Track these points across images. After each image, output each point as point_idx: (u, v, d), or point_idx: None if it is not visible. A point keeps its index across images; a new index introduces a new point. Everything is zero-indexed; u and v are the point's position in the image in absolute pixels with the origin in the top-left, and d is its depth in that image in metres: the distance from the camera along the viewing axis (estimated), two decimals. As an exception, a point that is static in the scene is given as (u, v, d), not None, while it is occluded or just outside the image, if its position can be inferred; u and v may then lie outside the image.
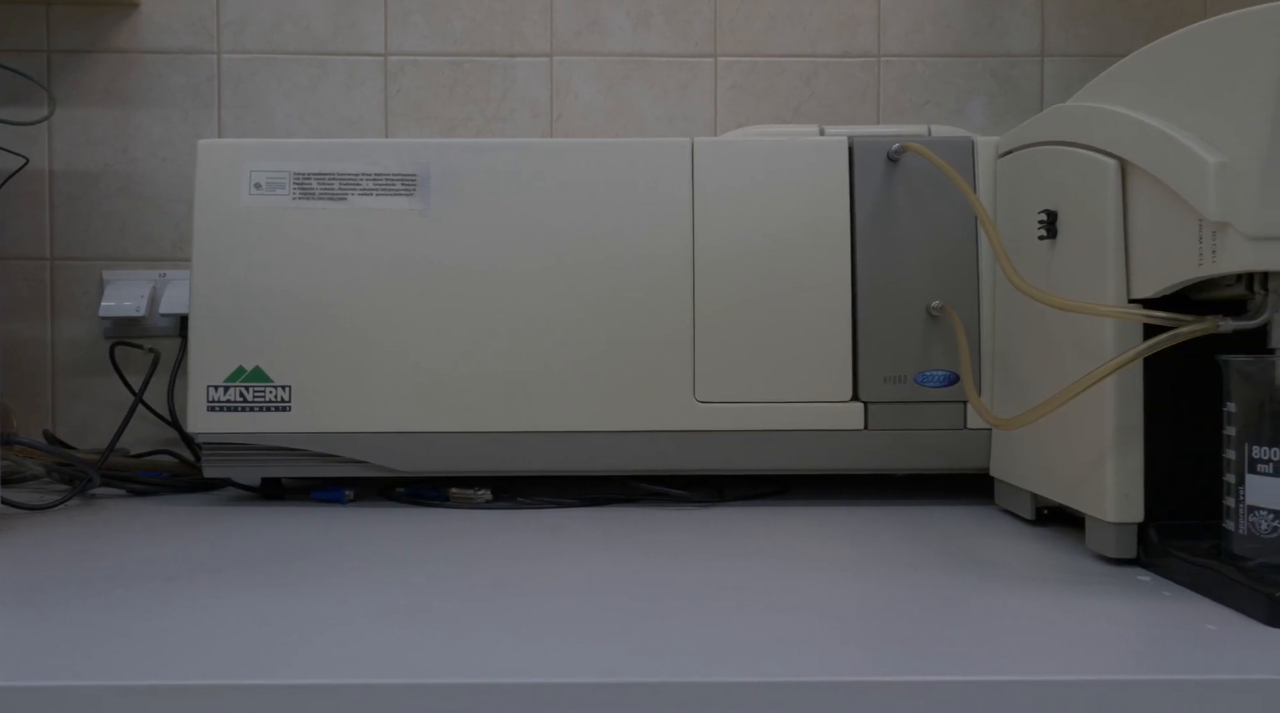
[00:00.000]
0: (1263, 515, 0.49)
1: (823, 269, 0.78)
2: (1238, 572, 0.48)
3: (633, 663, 0.41)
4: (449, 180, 0.78)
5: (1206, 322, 0.50)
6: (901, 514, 0.75)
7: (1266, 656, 0.41)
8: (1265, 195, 0.45)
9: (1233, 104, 0.47)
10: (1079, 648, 0.42)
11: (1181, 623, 0.46)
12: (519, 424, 0.78)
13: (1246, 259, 0.46)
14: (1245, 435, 0.50)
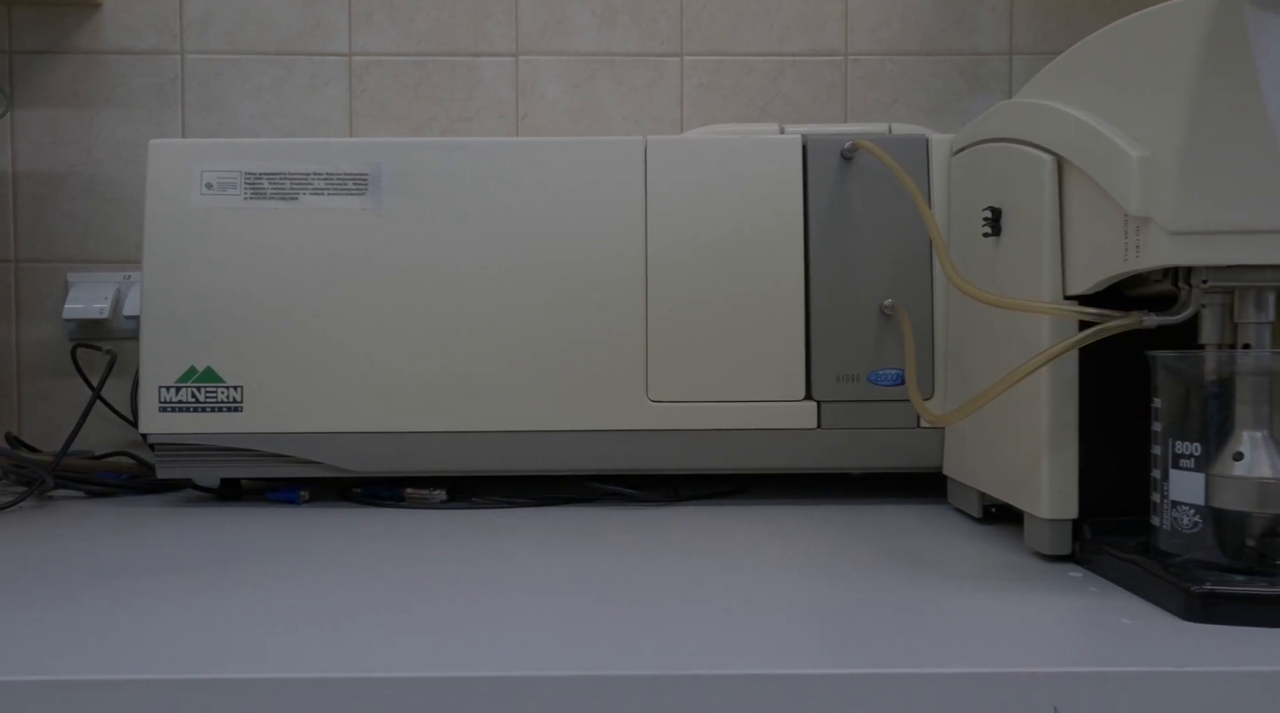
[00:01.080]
0: (1184, 511, 0.49)
1: (776, 268, 0.78)
2: (1160, 567, 0.48)
3: (581, 658, 0.41)
4: (401, 180, 0.78)
5: (1131, 317, 0.49)
6: (854, 513, 0.75)
7: (1173, 649, 0.41)
8: (1184, 191, 0.45)
9: (1154, 99, 0.47)
10: (992, 643, 0.42)
11: (1098, 618, 0.46)
12: (472, 424, 0.78)
13: (1167, 254, 0.46)
14: (1170, 431, 0.50)
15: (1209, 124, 0.44)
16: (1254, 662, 0.39)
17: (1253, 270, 0.47)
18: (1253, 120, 0.44)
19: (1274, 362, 0.48)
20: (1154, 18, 0.47)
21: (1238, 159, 0.44)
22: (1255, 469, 0.47)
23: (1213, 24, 0.43)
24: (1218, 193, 0.45)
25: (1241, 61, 0.43)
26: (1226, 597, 0.44)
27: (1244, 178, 0.44)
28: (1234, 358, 0.49)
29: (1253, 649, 0.41)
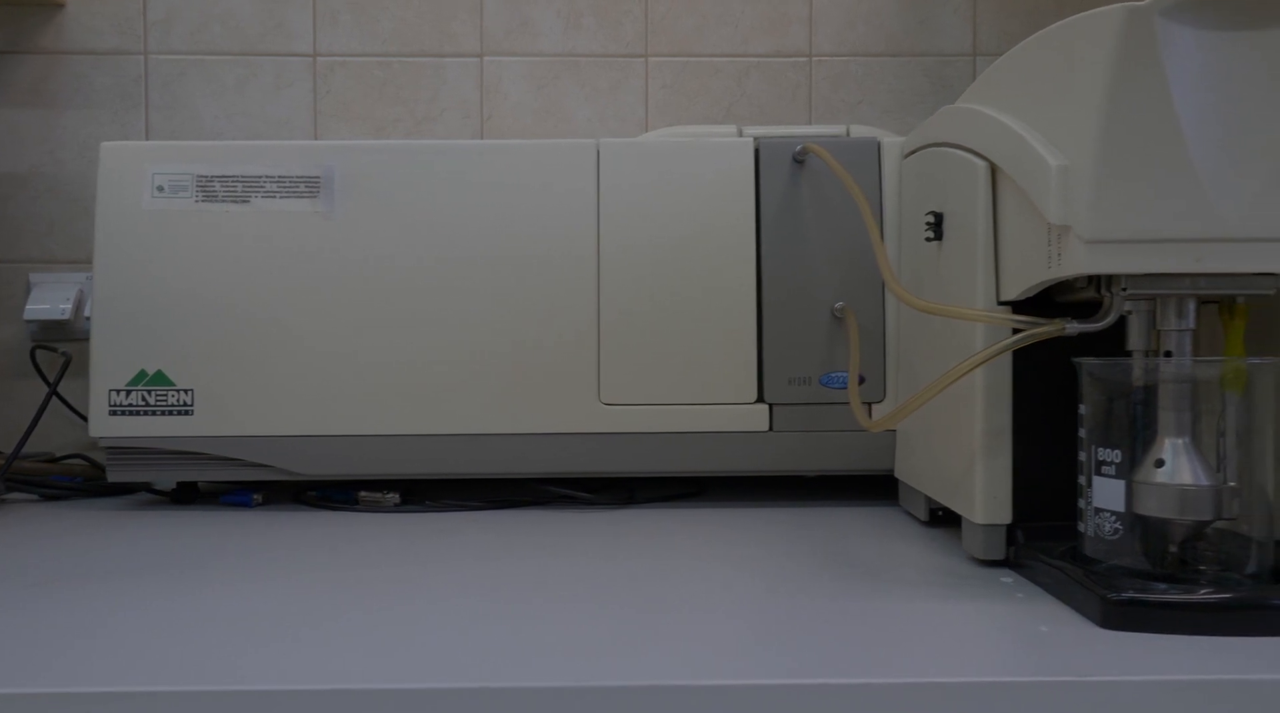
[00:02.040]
0: (1106, 517, 0.49)
1: (728, 271, 0.78)
2: (1082, 574, 0.48)
3: (521, 669, 0.41)
4: (353, 182, 0.78)
5: (1054, 325, 0.50)
6: (804, 516, 0.75)
7: (1084, 658, 0.41)
8: (1099, 199, 0.45)
9: (1072, 108, 0.47)
10: (903, 652, 0.42)
11: (1016, 626, 0.46)
12: (424, 427, 0.78)
13: (1083, 262, 0.46)
14: (1094, 437, 0.50)
15: (1122, 134, 0.44)
16: (1161, 670, 0.40)
17: (1170, 278, 0.47)
18: (1165, 130, 0.44)
19: (1195, 369, 0.48)
20: (1071, 27, 0.47)
21: (1151, 168, 0.44)
22: (1176, 476, 0.47)
23: (1123, 34, 0.43)
24: (1132, 202, 0.45)
25: (1152, 72, 0.43)
26: (1142, 604, 0.44)
27: (1157, 187, 0.44)
28: (1155, 365, 0.49)
29: (1165, 657, 0.41)
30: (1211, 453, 0.48)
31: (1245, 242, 0.45)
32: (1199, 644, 0.43)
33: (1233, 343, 0.49)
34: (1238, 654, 0.41)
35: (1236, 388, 0.48)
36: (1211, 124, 0.44)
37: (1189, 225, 0.45)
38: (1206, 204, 0.44)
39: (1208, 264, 0.45)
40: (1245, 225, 0.45)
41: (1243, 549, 0.48)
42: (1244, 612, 0.44)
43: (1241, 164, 0.44)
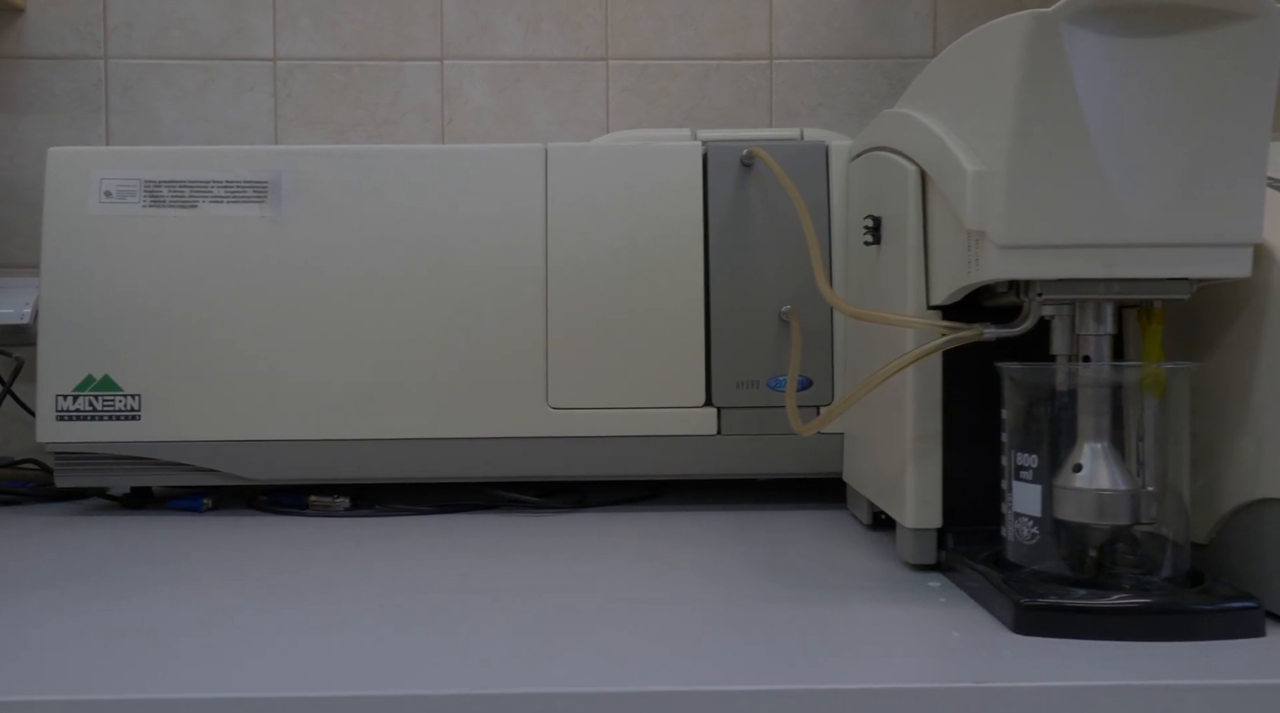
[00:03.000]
0: (1025, 522, 0.49)
1: (676, 275, 0.78)
2: (1001, 578, 0.48)
3: (457, 675, 0.41)
4: (300, 187, 0.78)
5: (973, 330, 0.50)
6: (752, 519, 0.75)
7: (989, 664, 0.41)
8: (1011, 205, 0.45)
9: (988, 114, 0.47)
10: (812, 657, 0.42)
11: (930, 631, 0.46)
12: (372, 431, 0.78)
13: (997, 268, 0.46)
14: (1014, 442, 0.50)
15: (1032, 140, 0.44)
16: (1062, 676, 0.40)
17: (1085, 283, 0.47)
18: (1074, 137, 0.44)
19: (1113, 374, 0.48)
20: (987, 33, 0.47)
21: (1062, 174, 0.44)
22: (1094, 481, 0.48)
23: (1030, 41, 0.43)
24: (1044, 207, 0.45)
25: (1060, 79, 0.43)
26: (1053, 609, 0.45)
27: (1068, 193, 0.45)
28: (1073, 370, 0.49)
29: (1070, 662, 0.41)
30: (1131, 457, 0.48)
31: (1155, 247, 0.45)
32: (1109, 649, 0.43)
33: (1150, 348, 0.50)
34: (1146, 659, 0.42)
35: (1155, 392, 0.48)
36: (1120, 130, 0.44)
37: (1100, 231, 0.45)
38: (1117, 209, 0.45)
39: (1119, 269, 0.45)
40: (1155, 231, 0.45)
41: (1162, 553, 0.48)
42: (1153, 617, 0.44)
43: (1151, 170, 0.44)
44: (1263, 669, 0.40)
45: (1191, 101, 0.44)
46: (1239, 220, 0.45)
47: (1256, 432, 0.46)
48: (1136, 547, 0.49)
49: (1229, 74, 0.43)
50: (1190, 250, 0.45)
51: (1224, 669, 0.40)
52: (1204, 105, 0.44)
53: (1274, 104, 0.44)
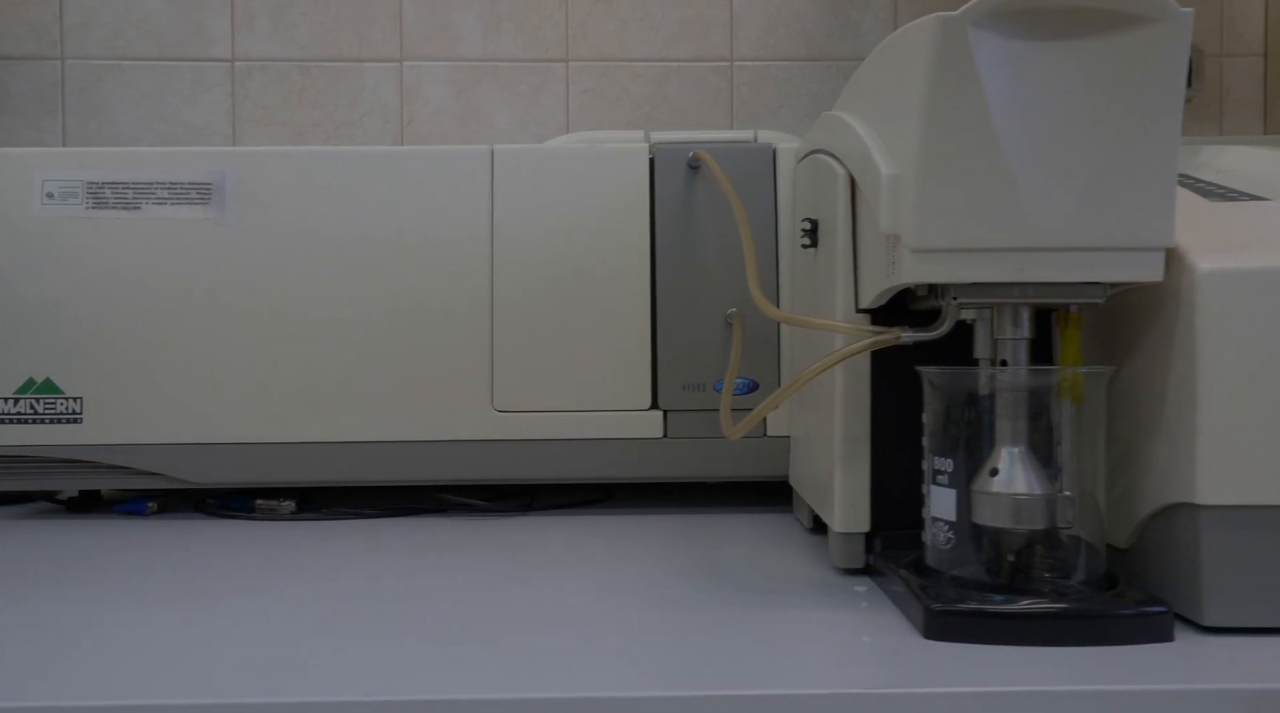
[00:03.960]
0: (940, 527, 0.49)
1: (622, 277, 0.78)
2: (918, 583, 0.48)
3: (372, 678, 0.40)
4: (244, 189, 0.78)
5: (890, 334, 0.50)
6: (697, 523, 0.75)
7: (889, 668, 0.41)
8: (922, 209, 0.45)
9: (904, 116, 0.47)
10: (716, 663, 0.42)
11: (842, 636, 0.46)
12: (316, 435, 0.77)
13: (910, 271, 0.46)
14: (932, 446, 0.50)
15: (942, 143, 0.44)
16: (960, 681, 0.39)
17: (999, 287, 0.47)
18: (983, 140, 0.44)
19: (1028, 378, 0.48)
20: (903, 36, 0.47)
21: (972, 178, 0.44)
22: (1010, 485, 0.47)
23: (938, 44, 0.43)
24: (955, 211, 0.45)
25: (968, 82, 0.43)
26: (961, 614, 0.44)
27: (979, 196, 0.44)
28: (990, 374, 0.49)
29: (972, 668, 0.41)
30: (1048, 461, 0.48)
31: (1066, 251, 0.45)
32: (1016, 655, 0.43)
33: (1067, 352, 0.49)
34: (1051, 665, 0.41)
35: (1071, 396, 0.48)
36: (1029, 134, 0.44)
37: (1011, 235, 0.45)
38: (1027, 213, 0.44)
39: (1030, 273, 0.45)
40: (1066, 235, 0.45)
41: (1078, 558, 0.48)
42: (1061, 622, 0.44)
43: (1060, 174, 0.44)
44: (1166, 675, 0.40)
45: (1100, 105, 0.43)
46: (1150, 224, 0.45)
47: (1169, 436, 0.46)
48: (1054, 551, 0.49)
49: (1137, 77, 0.43)
50: (1101, 254, 0.45)
51: (1126, 675, 0.40)
52: (1113, 109, 0.43)
53: (1183, 107, 0.44)
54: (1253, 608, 0.44)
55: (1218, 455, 0.44)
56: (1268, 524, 0.44)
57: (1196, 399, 0.44)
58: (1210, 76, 1.13)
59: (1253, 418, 0.44)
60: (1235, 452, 0.44)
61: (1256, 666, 0.40)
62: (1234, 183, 0.59)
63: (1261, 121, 1.14)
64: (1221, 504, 0.44)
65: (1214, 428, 0.44)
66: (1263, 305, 0.44)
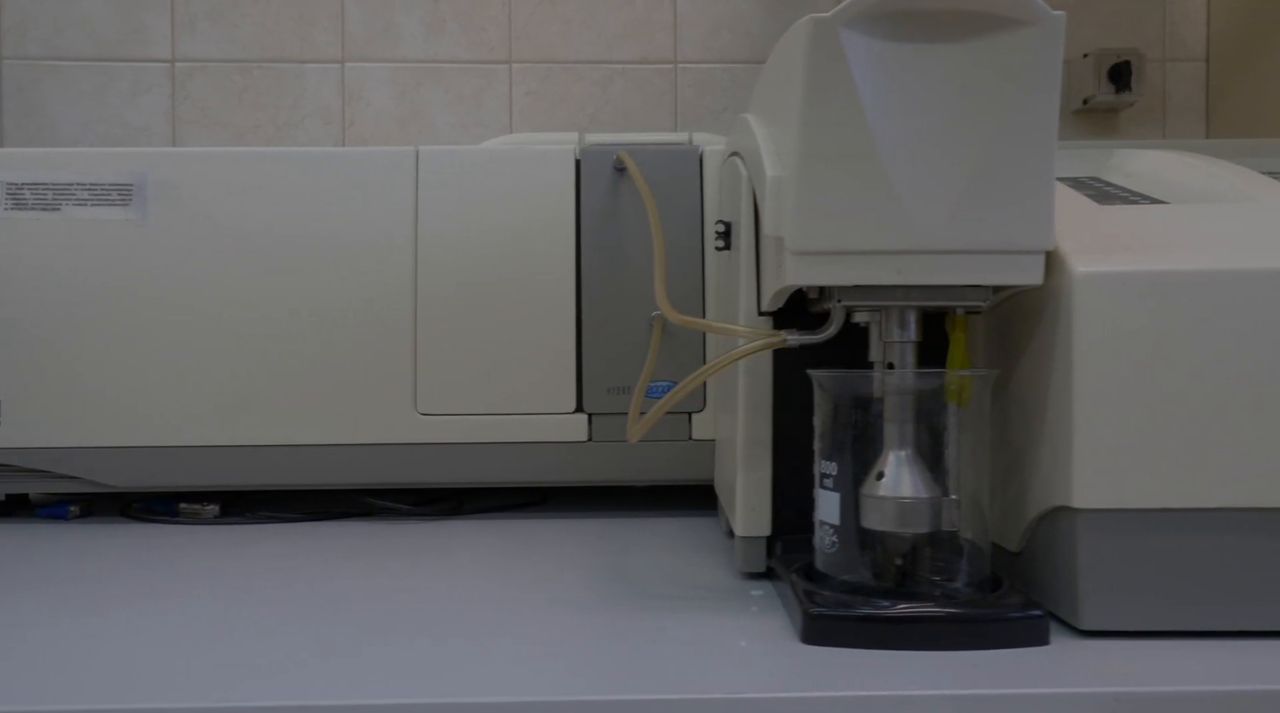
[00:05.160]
0: (826, 530, 0.49)
1: (548, 280, 0.78)
2: (804, 588, 0.48)
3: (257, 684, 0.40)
4: (166, 190, 0.77)
5: (777, 337, 0.49)
6: (621, 527, 0.75)
7: (758, 673, 0.41)
8: (801, 210, 0.45)
9: (787, 117, 0.47)
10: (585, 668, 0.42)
11: (721, 641, 0.45)
12: (239, 438, 0.77)
13: (792, 274, 0.46)
14: (820, 449, 0.50)
15: (818, 145, 0.44)
16: (827, 686, 0.39)
17: (882, 290, 0.46)
18: (859, 143, 0.43)
19: (913, 381, 0.48)
20: (789, 37, 0.47)
21: (849, 180, 0.44)
22: (896, 489, 0.47)
23: (812, 46, 0.43)
24: (833, 214, 0.44)
25: (843, 84, 0.43)
26: (837, 619, 0.44)
27: (856, 199, 0.44)
28: (877, 377, 0.48)
29: (840, 672, 0.41)
30: (936, 465, 0.48)
31: (944, 253, 0.45)
32: (891, 659, 0.42)
33: (954, 354, 0.49)
34: (922, 669, 0.41)
35: (958, 399, 0.48)
36: (905, 136, 0.44)
37: (889, 237, 0.44)
38: (905, 216, 0.44)
39: (909, 276, 0.45)
40: (944, 237, 0.44)
41: (965, 561, 0.48)
42: (935, 626, 0.43)
43: (937, 176, 0.44)
44: (1030, 678, 0.40)
45: (976, 107, 0.43)
46: (1028, 227, 0.44)
47: (1050, 440, 0.46)
48: (941, 555, 0.48)
49: (1012, 80, 0.43)
50: (980, 257, 0.45)
51: (990, 678, 0.40)
52: (988, 111, 0.43)
53: (1059, 110, 0.44)
54: (1129, 612, 0.44)
55: (1093, 459, 0.44)
56: (1143, 528, 0.44)
57: (1072, 403, 0.44)
58: (1153, 81, 1.14)
59: (1128, 422, 0.44)
60: (1111, 455, 0.44)
61: (1119, 669, 0.40)
62: (1139, 186, 0.59)
63: (1204, 126, 1.15)
64: (1097, 508, 0.44)
65: (1089, 432, 0.44)
66: (1138, 309, 0.44)
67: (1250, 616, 0.44)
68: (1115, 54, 1.09)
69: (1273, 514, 0.43)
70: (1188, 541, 0.44)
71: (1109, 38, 1.13)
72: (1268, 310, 0.43)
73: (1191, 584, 0.44)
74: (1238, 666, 0.41)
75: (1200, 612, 0.44)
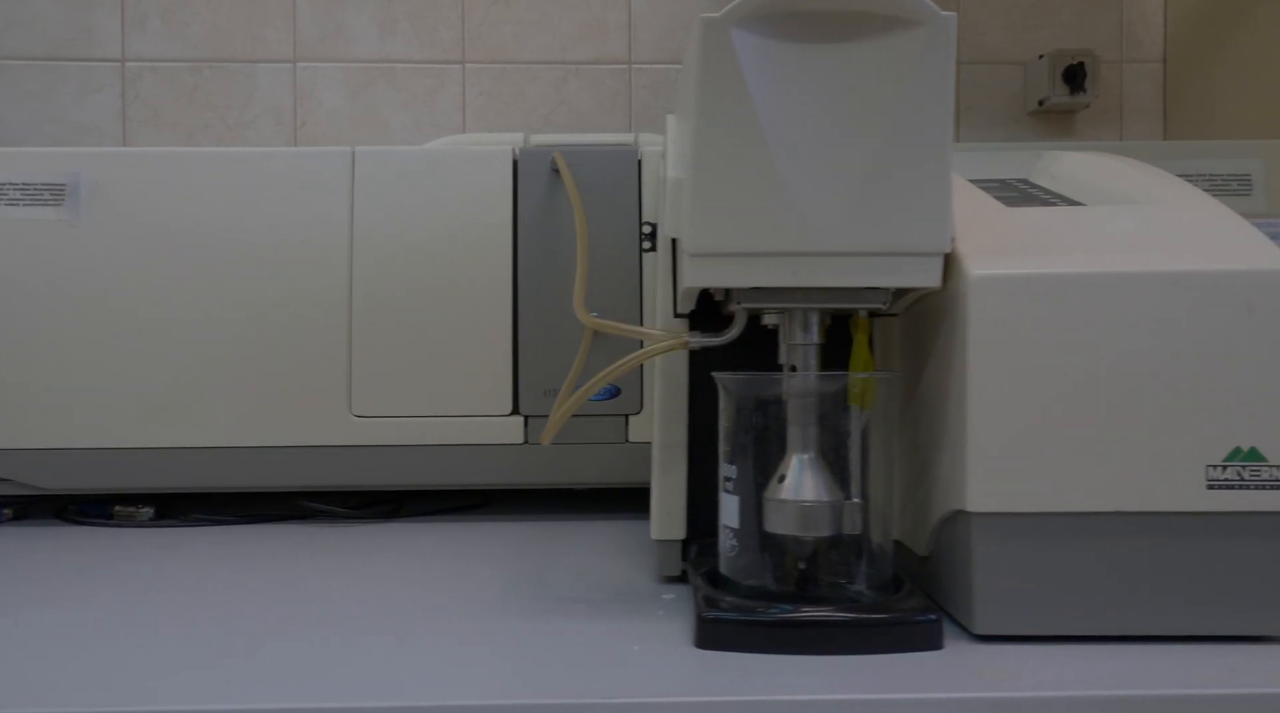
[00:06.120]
0: (727, 534, 0.48)
1: (484, 282, 0.77)
2: (704, 592, 0.47)
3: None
4: (99, 191, 0.76)
5: (679, 340, 0.49)
6: (552, 530, 0.74)
7: (644, 677, 0.40)
8: (696, 212, 0.44)
9: (687, 118, 0.46)
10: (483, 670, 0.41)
11: (616, 645, 0.45)
12: (172, 440, 0.76)
13: (689, 275, 0.45)
14: (723, 452, 0.50)
15: (712, 146, 0.43)
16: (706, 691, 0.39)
17: (780, 292, 0.46)
18: (753, 144, 0.43)
19: (819, 383, 0.48)
20: (691, 36, 0.46)
21: (743, 181, 0.44)
22: (798, 492, 0.47)
23: (704, 46, 0.42)
24: (728, 215, 0.44)
25: (735, 84, 0.42)
26: (728, 623, 0.44)
27: (751, 201, 0.44)
28: (779, 379, 0.48)
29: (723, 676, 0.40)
30: (839, 467, 0.48)
31: (841, 256, 0.44)
32: (781, 663, 0.42)
33: (857, 357, 0.49)
34: (809, 673, 0.41)
35: (861, 402, 0.48)
36: (799, 138, 0.43)
37: (784, 239, 0.44)
38: (799, 218, 0.44)
39: (805, 278, 0.45)
40: (839, 239, 0.44)
41: (868, 564, 0.48)
42: (826, 630, 0.43)
43: (831, 178, 0.43)
44: (916, 684, 0.39)
45: (868, 108, 0.43)
46: (924, 229, 0.44)
47: (950, 443, 0.46)
48: (845, 558, 0.48)
49: (904, 80, 0.43)
50: (876, 259, 0.44)
51: (876, 683, 0.39)
52: (881, 112, 0.43)
53: (953, 111, 0.43)
54: (1023, 616, 0.44)
55: (987, 463, 0.44)
56: (1037, 532, 0.44)
57: (967, 406, 0.44)
58: (1110, 83, 1.14)
59: (1022, 425, 0.44)
60: (1004, 459, 0.44)
61: (1000, 674, 0.40)
62: (1062, 188, 0.59)
63: (1161, 127, 1.14)
64: (990, 512, 0.44)
65: (983, 435, 0.44)
66: (1031, 312, 0.44)
67: (1144, 621, 0.44)
68: (1070, 55, 1.09)
69: (1164, 519, 0.43)
70: (1081, 545, 0.44)
71: (1066, 39, 1.13)
72: (1156, 313, 0.43)
73: (1085, 589, 0.44)
74: (1121, 670, 0.41)
75: (1094, 617, 0.44)
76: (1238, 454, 0.43)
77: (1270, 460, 0.43)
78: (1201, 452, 0.43)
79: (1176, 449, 0.43)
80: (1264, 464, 0.43)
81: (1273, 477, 0.43)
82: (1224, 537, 0.43)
